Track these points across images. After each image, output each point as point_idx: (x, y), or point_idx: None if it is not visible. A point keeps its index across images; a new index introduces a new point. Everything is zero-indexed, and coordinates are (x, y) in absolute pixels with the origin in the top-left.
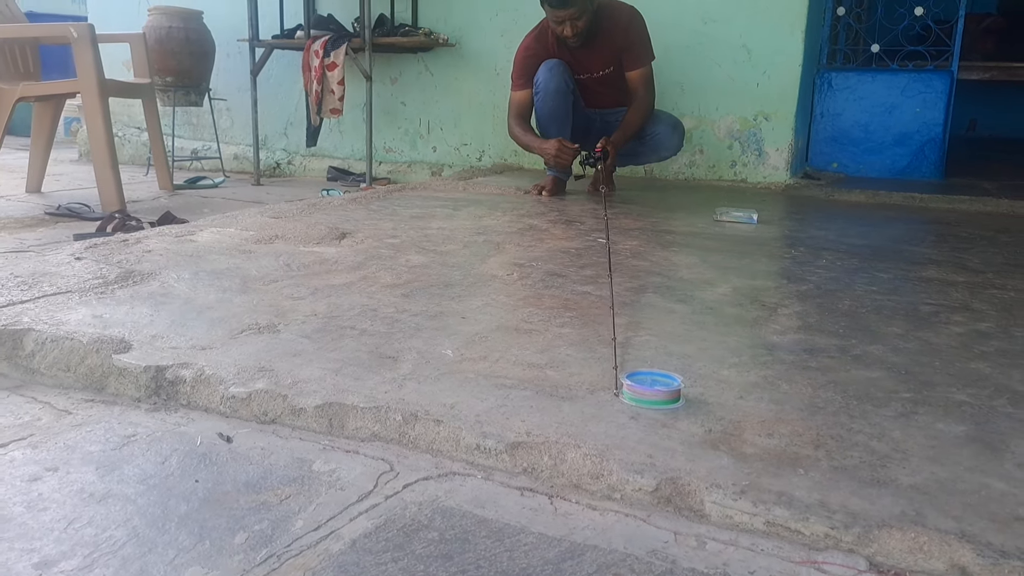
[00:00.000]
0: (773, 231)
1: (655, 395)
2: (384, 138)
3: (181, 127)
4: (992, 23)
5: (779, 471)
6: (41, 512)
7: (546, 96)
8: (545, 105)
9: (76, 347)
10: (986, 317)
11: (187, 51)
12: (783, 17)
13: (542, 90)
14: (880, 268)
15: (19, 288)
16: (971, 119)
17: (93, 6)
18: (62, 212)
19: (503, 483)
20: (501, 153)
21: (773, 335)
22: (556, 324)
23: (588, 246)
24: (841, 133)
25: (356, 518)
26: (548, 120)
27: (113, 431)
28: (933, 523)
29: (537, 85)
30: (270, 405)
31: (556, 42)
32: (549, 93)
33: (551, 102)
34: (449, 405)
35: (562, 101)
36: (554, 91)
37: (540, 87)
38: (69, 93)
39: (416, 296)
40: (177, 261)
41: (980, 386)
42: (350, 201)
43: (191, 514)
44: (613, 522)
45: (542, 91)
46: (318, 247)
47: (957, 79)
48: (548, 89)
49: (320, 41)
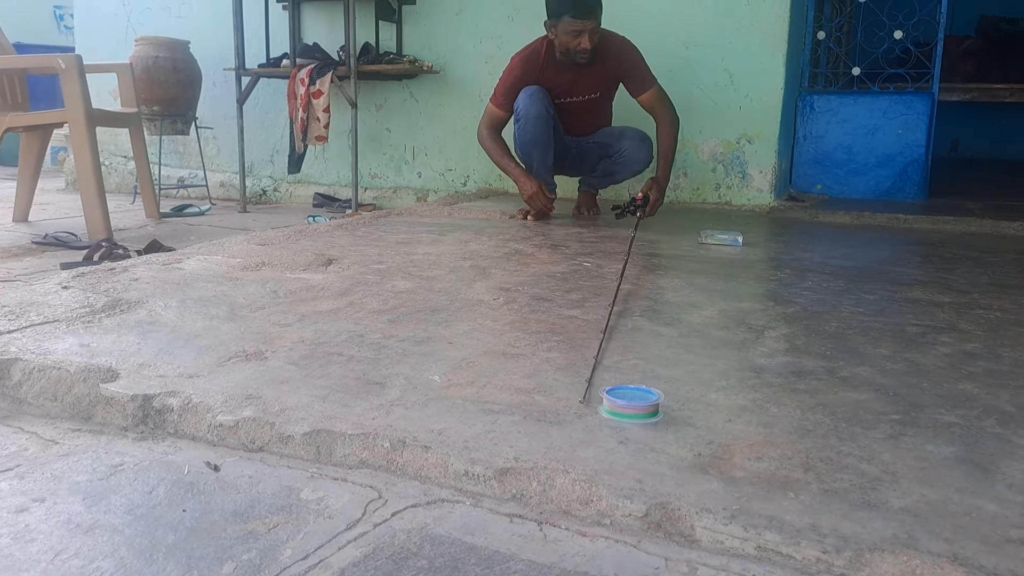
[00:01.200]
0: (758, 253)
1: (634, 409)
2: (369, 164)
3: (168, 155)
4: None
5: (769, 495)
6: (28, 543)
7: (527, 122)
8: (527, 131)
9: (63, 376)
10: (973, 337)
11: (174, 80)
12: (764, 41)
13: (523, 116)
14: (866, 289)
15: (6, 318)
16: (953, 140)
17: (80, 37)
18: (49, 241)
19: (492, 509)
20: (486, 178)
21: (760, 358)
22: (543, 348)
23: (574, 270)
24: (824, 155)
25: (345, 547)
26: (531, 146)
27: (100, 461)
28: (925, 546)
29: (518, 111)
30: (257, 433)
31: (546, 63)
32: (530, 119)
33: (532, 128)
34: (437, 431)
35: (543, 127)
36: (534, 117)
37: (521, 113)
38: (57, 123)
39: (403, 322)
40: (164, 289)
41: (969, 407)
42: (336, 227)
43: (179, 544)
44: (603, 548)
45: (523, 117)
46: (305, 274)
47: (938, 100)
48: (529, 115)
49: (306, 69)
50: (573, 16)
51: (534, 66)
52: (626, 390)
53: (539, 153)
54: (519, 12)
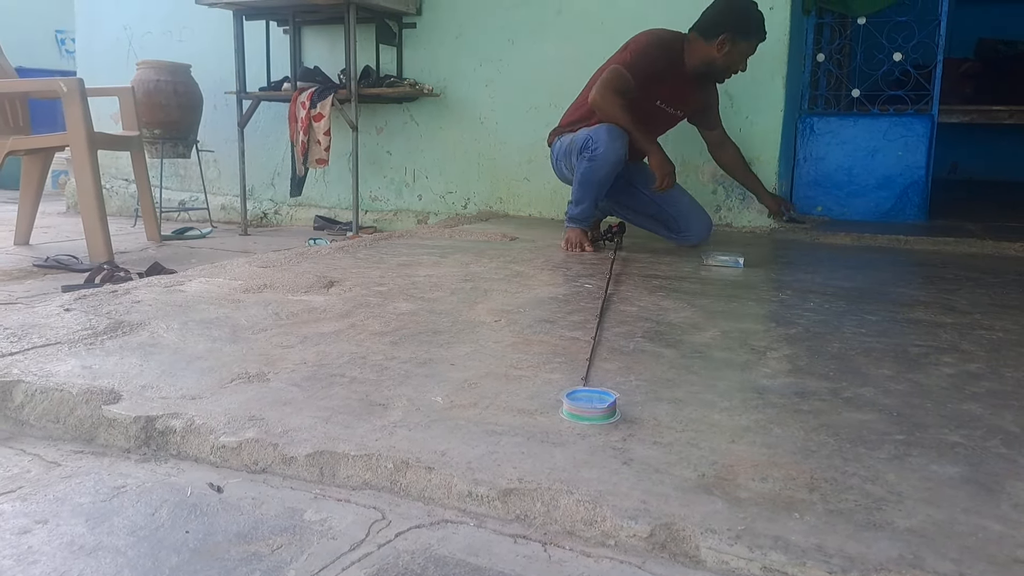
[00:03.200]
0: (760, 275)
1: (592, 411)
2: (370, 187)
3: (169, 178)
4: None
5: (774, 515)
6: (31, 565)
7: (604, 164)
8: (598, 172)
9: (66, 398)
10: (976, 358)
11: (175, 104)
12: (764, 63)
13: (602, 157)
14: (868, 310)
15: (8, 340)
16: (952, 162)
17: (81, 60)
18: (50, 264)
19: (496, 530)
20: (486, 200)
21: (763, 378)
22: (545, 370)
23: (575, 291)
24: (824, 177)
25: (349, 568)
26: (595, 187)
27: (103, 482)
28: (931, 566)
29: (596, 147)
30: (261, 454)
31: (679, 62)
32: (609, 163)
33: (605, 171)
34: (440, 452)
35: (612, 173)
36: (614, 163)
37: (600, 152)
38: (58, 146)
39: (405, 343)
40: (166, 311)
41: (973, 427)
42: (337, 250)
43: (182, 566)
44: (608, 568)
45: (602, 159)
46: (306, 296)
47: (938, 122)
48: (608, 159)
49: (307, 92)
50: (758, 41)
51: (670, 60)
52: (583, 392)
53: (594, 194)
54: (519, 35)
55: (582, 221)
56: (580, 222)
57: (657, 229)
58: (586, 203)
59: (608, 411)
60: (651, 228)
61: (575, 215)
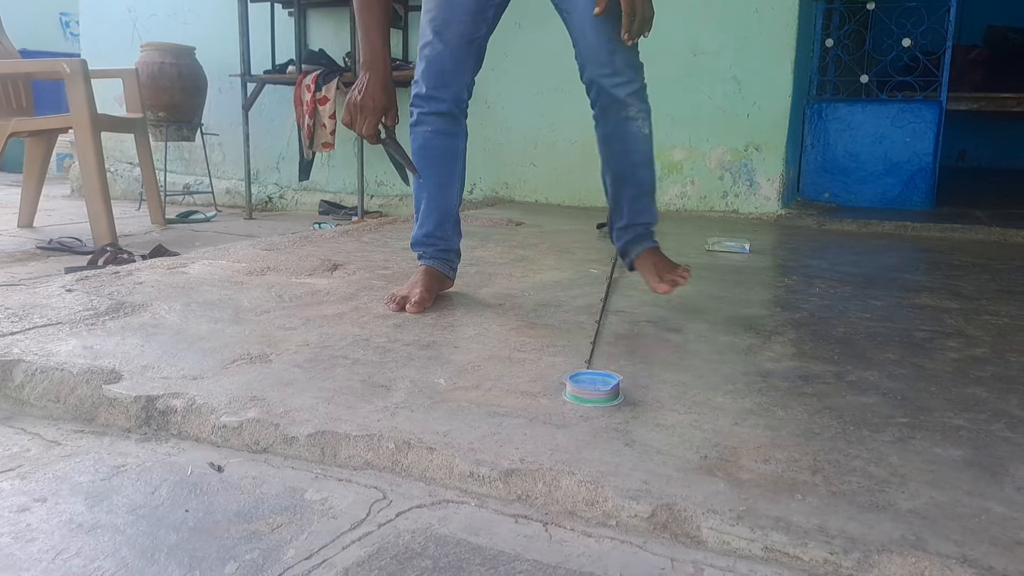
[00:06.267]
0: (766, 260)
1: (596, 393)
2: (375, 172)
3: (173, 162)
4: (978, 55)
5: (776, 496)
6: (29, 543)
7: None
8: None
9: (66, 378)
10: (981, 343)
11: (179, 86)
12: (772, 49)
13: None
14: (873, 296)
15: (9, 320)
16: (960, 150)
17: (86, 42)
18: (53, 246)
19: (497, 510)
20: (492, 186)
21: (767, 362)
22: (548, 353)
23: (580, 276)
24: (832, 163)
25: (349, 547)
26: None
27: (103, 461)
28: (934, 548)
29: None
30: (262, 434)
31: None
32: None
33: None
34: (442, 433)
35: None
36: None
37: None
38: (62, 128)
39: (408, 326)
40: (168, 293)
41: (977, 411)
42: (342, 234)
43: (181, 544)
44: (609, 549)
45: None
46: (310, 278)
47: (946, 109)
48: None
49: (312, 75)
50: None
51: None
52: (586, 374)
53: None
54: (525, 18)
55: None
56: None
57: None
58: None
59: (611, 393)
60: None
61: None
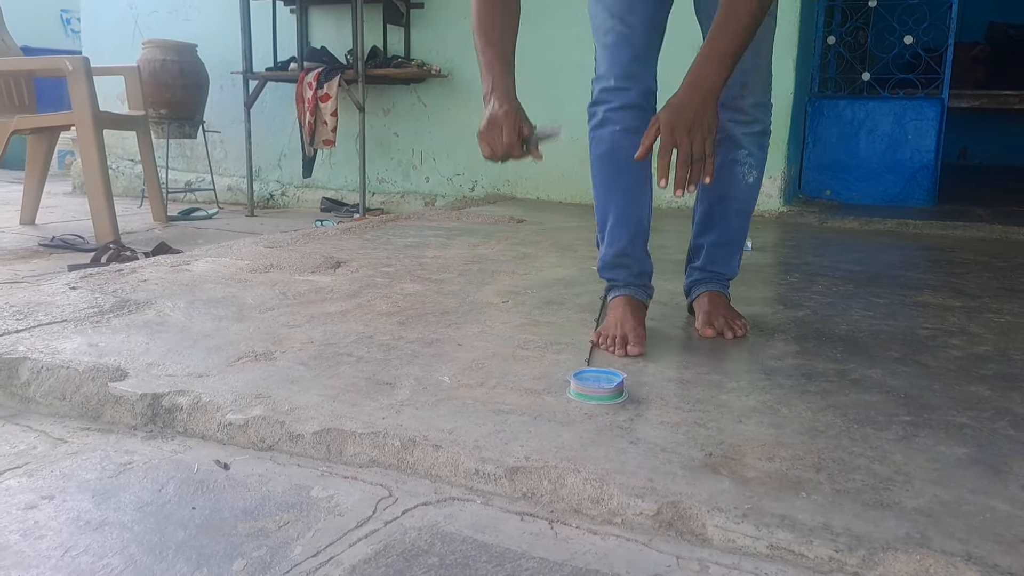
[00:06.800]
0: (768, 258)
1: (600, 391)
2: (377, 169)
3: (175, 159)
4: (980, 52)
5: (781, 494)
6: (37, 540)
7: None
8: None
9: (72, 376)
10: (984, 341)
11: (181, 84)
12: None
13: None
14: (876, 294)
15: (14, 317)
16: (962, 148)
17: (87, 39)
18: (56, 244)
19: (503, 508)
20: (494, 183)
21: (771, 360)
22: (553, 351)
23: (583, 273)
24: (833, 160)
25: (355, 544)
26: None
27: (109, 459)
28: (938, 545)
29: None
30: (267, 432)
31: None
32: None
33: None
34: (447, 431)
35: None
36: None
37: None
38: (64, 125)
39: (412, 324)
40: (172, 290)
41: (980, 409)
42: (344, 231)
43: (188, 541)
44: (614, 546)
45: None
46: (313, 276)
47: (948, 107)
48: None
49: (313, 73)
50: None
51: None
52: (591, 372)
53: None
54: (529, 14)
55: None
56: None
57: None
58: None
59: (616, 391)
60: None
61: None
